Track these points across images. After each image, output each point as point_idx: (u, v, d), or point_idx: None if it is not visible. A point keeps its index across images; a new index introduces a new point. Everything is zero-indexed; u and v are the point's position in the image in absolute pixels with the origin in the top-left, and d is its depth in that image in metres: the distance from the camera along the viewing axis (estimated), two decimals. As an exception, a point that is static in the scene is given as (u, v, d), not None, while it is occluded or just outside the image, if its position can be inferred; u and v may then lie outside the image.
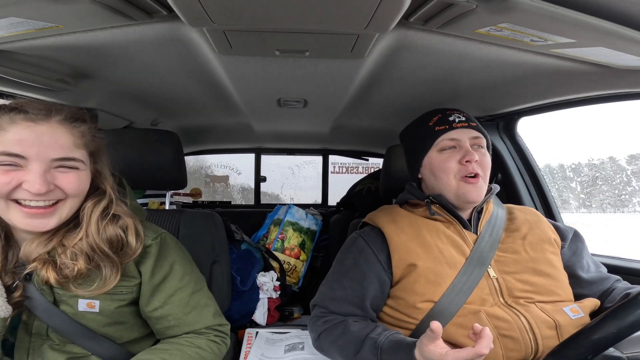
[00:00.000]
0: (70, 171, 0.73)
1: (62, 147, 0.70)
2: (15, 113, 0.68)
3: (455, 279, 0.89)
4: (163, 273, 0.85)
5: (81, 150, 0.74)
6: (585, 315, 0.86)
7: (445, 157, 0.99)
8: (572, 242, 1.01)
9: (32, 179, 0.67)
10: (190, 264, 0.93)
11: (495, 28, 0.79)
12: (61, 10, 0.76)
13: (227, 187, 3.65)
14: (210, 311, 0.91)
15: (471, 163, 0.95)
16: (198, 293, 0.90)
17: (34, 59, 1.04)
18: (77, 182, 0.73)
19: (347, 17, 0.76)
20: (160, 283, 0.84)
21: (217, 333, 0.90)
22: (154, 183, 1.29)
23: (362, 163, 3.12)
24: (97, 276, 0.76)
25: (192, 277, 0.90)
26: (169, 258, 0.87)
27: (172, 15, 0.81)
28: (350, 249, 1.03)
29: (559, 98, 1.26)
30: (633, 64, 0.91)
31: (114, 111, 1.59)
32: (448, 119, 1.01)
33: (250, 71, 1.19)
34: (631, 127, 3.35)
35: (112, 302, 0.80)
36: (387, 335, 0.80)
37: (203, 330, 0.88)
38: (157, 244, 0.86)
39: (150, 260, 0.83)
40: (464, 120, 1.01)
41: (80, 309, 0.78)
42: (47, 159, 0.69)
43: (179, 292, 0.86)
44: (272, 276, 1.91)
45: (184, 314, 0.86)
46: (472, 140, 0.99)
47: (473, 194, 0.96)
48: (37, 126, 0.68)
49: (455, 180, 0.97)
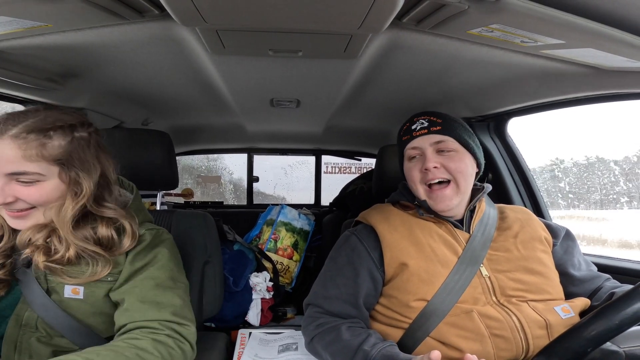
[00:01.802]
0: (30, 184, 0.75)
1: (10, 162, 0.72)
2: None
3: (447, 277, 0.90)
4: (145, 260, 0.84)
5: (36, 164, 0.74)
6: (575, 314, 0.87)
7: (411, 167, 1.01)
8: (563, 241, 1.02)
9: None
10: (176, 264, 0.90)
11: (487, 29, 0.80)
12: (50, 9, 0.75)
13: (220, 187, 3.63)
14: (172, 310, 0.81)
15: (430, 170, 0.95)
16: (169, 290, 0.83)
17: (22, 58, 1.03)
18: (37, 194, 0.75)
19: (341, 17, 0.76)
20: (139, 269, 0.83)
21: (172, 333, 0.79)
22: (145, 183, 1.28)
23: (355, 163, 3.12)
24: (87, 266, 0.79)
25: (170, 273, 0.85)
26: (156, 248, 0.87)
27: (164, 14, 0.81)
28: (343, 247, 1.03)
29: (548, 99, 1.28)
30: (621, 65, 0.93)
31: (104, 111, 1.57)
32: (411, 128, 1.02)
33: (243, 71, 1.19)
34: (619, 128, 3.43)
35: (95, 289, 0.81)
36: (379, 349, 0.80)
37: (155, 325, 0.78)
38: (151, 234, 0.88)
39: (139, 247, 0.85)
40: (425, 127, 0.99)
41: (66, 295, 0.79)
42: (2, 173, 0.73)
43: (149, 280, 0.82)
44: (265, 277, 1.91)
45: (140, 300, 0.79)
46: (435, 145, 0.98)
47: (440, 204, 0.96)
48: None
49: (422, 189, 0.98)
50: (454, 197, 0.96)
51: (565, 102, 1.27)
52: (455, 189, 0.96)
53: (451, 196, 0.96)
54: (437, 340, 0.85)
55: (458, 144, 0.99)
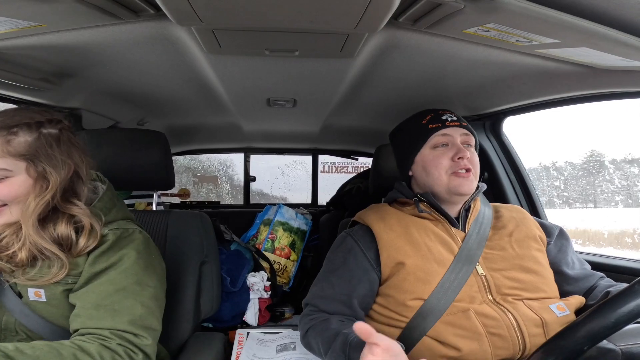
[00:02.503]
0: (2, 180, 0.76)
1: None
2: None
3: (444, 276, 0.90)
4: (107, 263, 0.80)
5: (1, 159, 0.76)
6: (570, 312, 0.88)
7: (438, 154, 1.02)
8: (557, 239, 1.03)
9: None
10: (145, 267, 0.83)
11: (483, 28, 0.80)
12: (44, 9, 0.74)
13: (217, 187, 3.62)
14: (128, 319, 0.77)
15: (463, 160, 0.98)
16: (131, 297, 0.78)
17: (16, 58, 1.02)
18: (6, 189, 0.77)
19: (337, 16, 0.76)
20: (100, 272, 0.79)
21: (124, 342, 0.74)
22: (141, 184, 1.28)
23: (352, 162, 3.12)
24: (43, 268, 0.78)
25: (134, 277, 0.80)
26: (122, 250, 0.82)
27: (160, 14, 0.80)
28: (339, 248, 1.03)
29: (543, 98, 1.29)
30: (615, 64, 0.93)
31: (99, 111, 1.56)
32: (441, 118, 1.04)
33: (240, 70, 1.18)
34: (614, 127, 3.46)
35: (56, 291, 0.80)
36: None
37: (106, 334, 0.74)
38: (115, 235, 0.83)
39: (100, 248, 0.81)
40: (455, 120, 1.04)
41: (30, 298, 0.79)
42: None
43: (108, 284, 0.78)
44: (262, 276, 1.91)
45: (95, 306, 0.76)
46: (463, 138, 1.03)
47: (464, 186, 0.98)
48: None
49: (446, 176, 1.00)
50: (474, 182, 1.01)
51: (561, 101, 1.28)
52: (474, 178, 1.01)
53: (473, 181, 1.00)
54: (434, 339, 0.85)
55: (474, 143, 1.06)
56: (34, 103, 1.32)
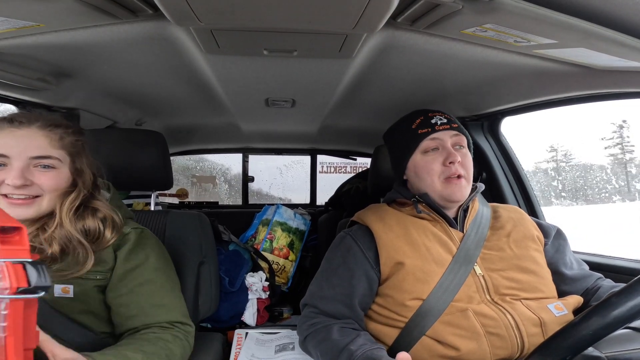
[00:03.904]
0: (48, 170, 0.82)
1: (38, 147, 0.81)
2: (3, 122, 0.80)
3: (442, 276, 0.90)
4: (137, 261, 0.87)
5: (58, 151, 0.83)
6: (569, 312, 0.88)
7: (429, 159, 1.00)
8: (554, 240, 1.03)
9: (12, 174, 0.78)
10: (166, 263, 0.94)
11: (481, 29, 0.81)
12: (42, 9, 0.74)
13: (215, 187, 3.61)
14: (178, 310, 0.89)
15: (454, 164, 0.97)
16: (169, 292, 0.90)
17: (14, 58, 1.01)
18: (53, 179, 0.82)
19: (336, 16, 0.76)
20: (133, 269, 0.86)
21: (181, 331, 0.87)
22: (139, 184, 1.27)
23: (350, 163, 3.12)
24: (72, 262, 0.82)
25: (165, 275, 0.91)
26: (146, 249, 0.90)
27: (158, 14, 0.80)
28: (338, 248, 1.03)
29: (541, 98, 1.29)
30: (613, 65, 0.94)
31: (96, 111, 1.56)
32: (430, 122, 1.02)
33: (238, 71, 1.18)
34: (612, 128, 3.48)
35: (85, 287, 0.83)
36: (365, 350, 0.80)
37: (165, 324, 0.86)
38: (137, 233, 0.91)
39: (127, 246, 0.88)
40: (445, 122, 1.02)
41: (56, 294, 0.81)
42: (25, 157, 0.79)
43: (148, 284, 0.87)
44: (261, 276, 1.91)
45: (149, 305, 0.86)
46: (453, 139, 1.01)
47: (457, 193, 0.97)
48: (19, 131, 0.80)
49: (439, 182, 0.99)
50: (467, 188, 1.00)
51: (558, 101, 1.29)
52: (467, 182, 1.00)
53: (465, 186, 0.99)
54: (433, 339, 0.85)
55: (467, 143, 1.04)
56: (32, 103, 1.31)
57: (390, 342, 0.91)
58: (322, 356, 0.87)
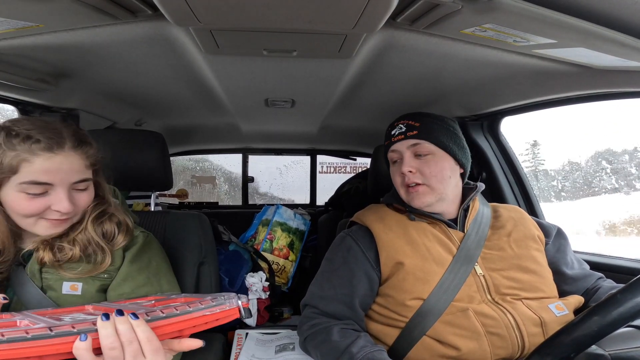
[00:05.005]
0: (84, 191, 0.84)
1: (77, 172, 0.80)
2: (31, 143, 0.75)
3: (443, 276, 0.90)
4: (142, 263, 0.90)
5: (88, 170, 0.84)
6: (569, 312, 0.88)
7: (393, 170, 1.05)
8: (555, 239, 1.03)
9: (61, 202, 0.77)
10: (167, 267, 0.96)
11: (480, 29, 0.81)
12: (42, 9, 0.74)
13: (215, 188, 3.61)
14: None
15: (405, 174, 0.99)
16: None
17: (13, 59, 1.01)
18: (89, 198, 0.85)
19: (335, 17, 0.76)
20: (137, 271, 0.88)
21: None
22: (139, 184, 1.27)
23: (350, 163, 3.13)
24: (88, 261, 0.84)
25: (165, 278, 0.93)
26: (150, 252, 0.93)
27: (157, 14, 0.80)
28: (338, 248, 1.03)
29: (540, 98, 1.29)
30: (612, 64, 0.94)
31: (96, 111, 1.56)
32: (390, 133, 1.05)
33: (237, 71, 1.18)
34: (610, 126, 3.50)
35: (94, 285, 0.84)
36: (365, 352, 0.80)
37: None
38: (143, 237, 0.94)
39: (135, 248, 0.90)
40: (402, 132, 1.02)
41: (64, 291, 0.82)
42: (68, 183, 0.79)
43: (148, 285, 0.88)
44: (261, 277, 1.91)
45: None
46: (412, 149, 1.00)
47: (415, 201, 0.99)
48: (56, 156, 0.77)
49: (402, 191, 1.02)
50: (427, 195, 0.98)
51: (558, 101, 1.29)
52: (428, 189, 0.98)
53: (425, 193, 0.98)
54: (433, 339, 0.85)
55: (435, 147, 0.99)
56: (31, 104, 1.31)
57: (390, 342, 0.91)
58: (322, 358, 0.87)
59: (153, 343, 0.54)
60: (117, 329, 0.53)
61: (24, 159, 0.74)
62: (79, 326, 0.51)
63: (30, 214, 0.77)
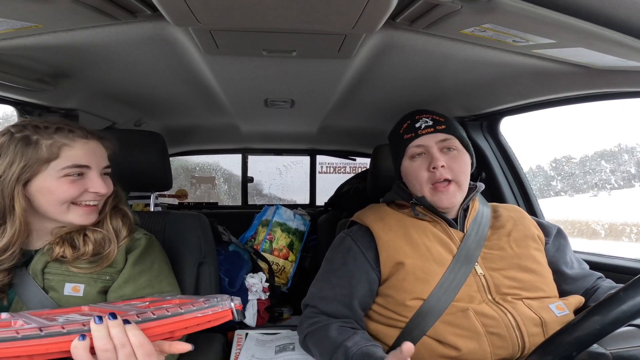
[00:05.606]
0: (107, 176, 0.90)
1: (104, 157, 0.89)
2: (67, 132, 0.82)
3: (443, 276, 0.90)
4: (144, 266, 0.90)
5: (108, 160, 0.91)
6: (570, 312, 0.88)
7: (415, 166, 0.99)
8: (555, 239, 1.03)
9: (97, 183, 0.84)
10: (168, 270, 0.96)
11: (479, 29, 0.81)
12: (41, 10, 0.74)
13: (214, 188, 3.61)
14: None
15: (438, 169, 0.95)
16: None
17: (13, 59, 1.01)
18: (112, 185, 0.91)
19: (335, 17, 0.76)
20: (139, 273, 0.88)
21: None
22: (138, 185, 1.27)
23: (350, 163, 3.13)
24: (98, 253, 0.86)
25: (167, 281, 0.93)
26: (153, 255, 0.93)
27: (157, 14, 0.80)
28: (338, 248, 1.03)
29: (540, 98, 1.29)
30: (611, 64, 0.94)
31: (95, 112, 1.55)
32: (415, 126, 1.01)
33: (237, 71, 1.18)
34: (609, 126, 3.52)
35: (95, 286, 0.84)
36: (360, 346, 0.80)
37: None
38: (146, 239, 0.94)
39: (138, 250, 0.91)
40: (430, 125, 0.99)
41: (66, 292, 0.82)
42: (100, 167, 0.86)
43: (149, 288, 0.88)
44: (260, 277, 1.90)
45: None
46: (440, 144, 0.98)
47: (444, 201, 0.96)
48: (90, 142, 0.85)
49: (427, 188, 0.98)
50: (457, 194, 0.97)
51: (557, 101, 1.29)
52: (457, 187, 0.97)
53: (454, 193, 0.96)
54: (433, 339, 0.85)
55: (459, 143, 1.00)
56: (31, 104, 1.31)
57: (390, 342, 0.91)
58: (320, 354, 0.87)
59: (145, 347, 0.55)
60: (110, 332, 0.54)
61: (64, 144, 0.81)
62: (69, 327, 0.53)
63: (69, 198, 0.81)
